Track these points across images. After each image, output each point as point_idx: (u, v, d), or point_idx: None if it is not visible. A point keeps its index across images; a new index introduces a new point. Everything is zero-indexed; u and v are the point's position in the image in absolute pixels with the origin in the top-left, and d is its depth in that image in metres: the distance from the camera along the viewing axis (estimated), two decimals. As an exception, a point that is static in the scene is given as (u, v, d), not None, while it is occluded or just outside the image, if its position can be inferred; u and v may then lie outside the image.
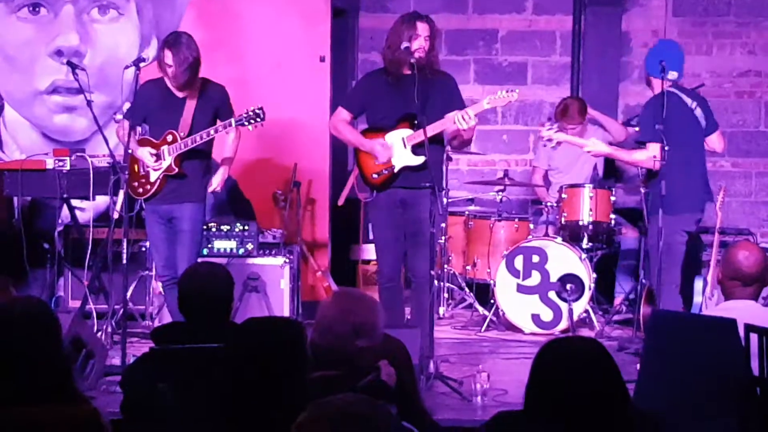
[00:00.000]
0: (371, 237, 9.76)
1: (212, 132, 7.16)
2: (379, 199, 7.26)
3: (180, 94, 7.24)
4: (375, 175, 7.23)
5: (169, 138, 7.20)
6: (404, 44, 7.01)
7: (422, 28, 7.05)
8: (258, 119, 7.19)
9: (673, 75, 7.42)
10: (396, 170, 7.15)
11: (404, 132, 7.10)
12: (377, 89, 7.22)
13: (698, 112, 7.51)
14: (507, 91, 7.13)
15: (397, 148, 7.14)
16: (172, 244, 7.32)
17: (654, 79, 7.46)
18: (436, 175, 7.08)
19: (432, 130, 6.92)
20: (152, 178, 7.25)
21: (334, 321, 4.16)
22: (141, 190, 7.29)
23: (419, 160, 7.01)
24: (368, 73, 7.59)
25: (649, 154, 7.25)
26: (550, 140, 7.60)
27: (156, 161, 7.20)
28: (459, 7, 10.38)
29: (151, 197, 7.30)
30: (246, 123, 7.19)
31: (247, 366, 3.57)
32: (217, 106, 7.30)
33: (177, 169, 7.21)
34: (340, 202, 9.21)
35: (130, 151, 7.15)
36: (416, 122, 6.99)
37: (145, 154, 7.22)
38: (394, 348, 4.39)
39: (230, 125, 7.20)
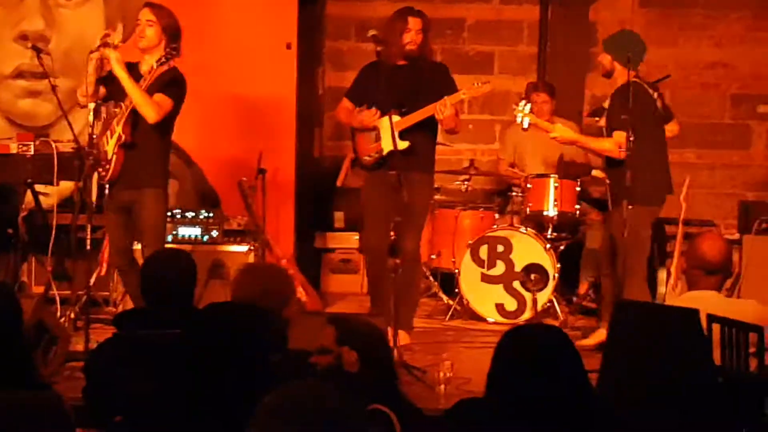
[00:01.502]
0: (337, 225, 9.88)
1: (132, 91, 6.93)
2: (373, 179, 7.60)
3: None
4: (367, 157, 7.59)
5: (117, 110, 7.11)
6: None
7: (413, 22, 7.47)
8: (175, 53, 7.01)
9: (639, 67, 7.46)
10: (384, 153, 7.46)
11: (393, 118, 7.25)
12: (373, 80, 7.46)
13: (659, 103, 7.55)
14: (481, 83, 7.52)
15: (386, 133, 7.39)
16: (128, 231, 7.24)
17: (619, 69, 7.45)
18: (426, 159, 7.58)
19: (414, 117, 7.36)
20: (109, 155, 7.09)
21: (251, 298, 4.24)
22: (103, 172, 7.16)
23: (404, 144, 7.30)
24: (366, 65, 7.74)
25: (616, 142, 7.27)
26: (522, 121, 7.61)
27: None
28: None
29: (112, 180, 7.12)
30: (165, 60, 6.99)
31: (208, 352, 3.56)
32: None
33: (126, 137, 7.02)
34: (338, 183, 9.23)
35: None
36: (403, 110, 7.34)
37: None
38: (371, 330, 4.38)
39: (153, 68, 6.97)
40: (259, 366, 3.48)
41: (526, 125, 7.67)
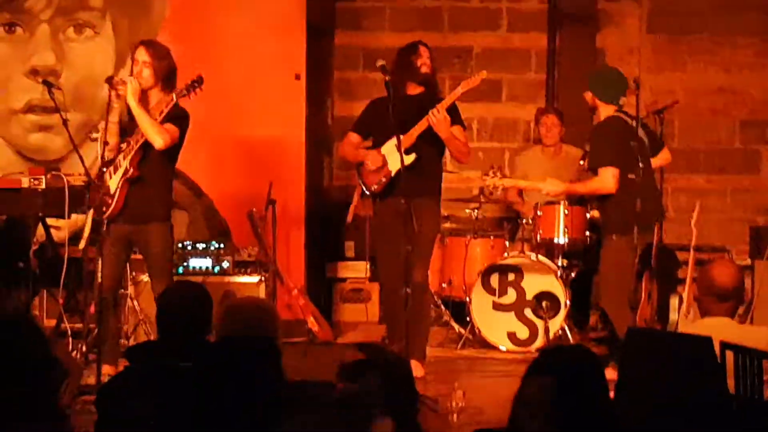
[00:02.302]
0: (348, 254, 9.87)
1: (142, 120, 6.98)
2: (383, 208, 7.61)
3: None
4: (375, 186, 7.58)
5: (124, 146, 7.14)
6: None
7: (424, 50, 7.63)
8: (197, 84, 7.07)
9: (623, 101, 7.52)
10: (393, 175, 7.48)
11: (395, 140, 7.28)
12: (381, 114, 7.46)
13: (641, 133, 7.55)
14: (475, 74, 7.68)
15: (391, 156, 7.45)
16: (121, 265, 7.26)
17: (602, 105, 7.53)
18: (433, 181, 7.62)
19: (414, 131, 7.41)
20: (112, 190, 7.12)
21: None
22: (104, 207, 7.12)
23: (411, 157, 7.34)
24: (373, 100, 7.79)
25: (603, 180, 7.36)
26: (495, 189, 7.71)
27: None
28: (434, 25, 10.41)
29: (115, 214, 7.13)
30: (186, 93, 7.06)
31: (221, 385, 3.56)
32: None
33: (133, 171, 7.07)
34: (349, 219, 9.24)
35: None
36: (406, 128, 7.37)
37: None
38: (398, 361, 4.37)
39: (172, 100, 7.04)
40: (271, 399, 3.48)
41: (499, 192, 7.75)
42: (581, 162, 7.96)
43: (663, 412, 4.52)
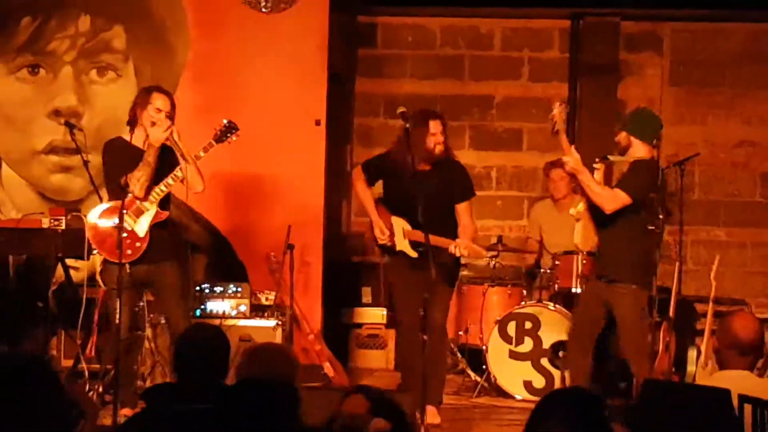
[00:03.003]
0: (365, 300, 9.87)
1: (188, 159, 7.09)
2: (398, 257, 7.63)
3: None
4: (380, 242, 7.68)
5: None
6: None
7: (434, 125, 7.45)
8: (233, 130, 7.23)
9: (655, 142, 7.47)
10: (397, 249, 7.59)
11: (405, 224, 7.47)
12: (394, 170, 7.49)
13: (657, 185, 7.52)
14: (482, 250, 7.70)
15: (399, 233, 7.55)
16: (136, 305, 7.34)
17: (639, 144, 7.42)
18: (450, 234, 7.44)
19: (425, 239, 7.00)
20: (141, 234, 7.19)
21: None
22: (130, 251, 7.16)
23: (414, 254, 7.42)
24: (392, 150, 7.66)
25: (613, 197, 7.24)
26: (554, 124, 7.52)
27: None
28: (455, 73, 10.46)
29: (139, 257, 7.19)
30: (224, 138, 7.22)
31: (239, 427, 3.55)
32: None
33: (163, 216, 7.19)
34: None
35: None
36: (419, 223, 7.12)
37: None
38: (398, 405, 4.36)
39: (210, 146, 7.17)
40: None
41: (555, 129, 7.56)
42: (596, 159, 7.80)
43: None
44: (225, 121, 7.29)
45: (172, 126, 7.10)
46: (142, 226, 7.17)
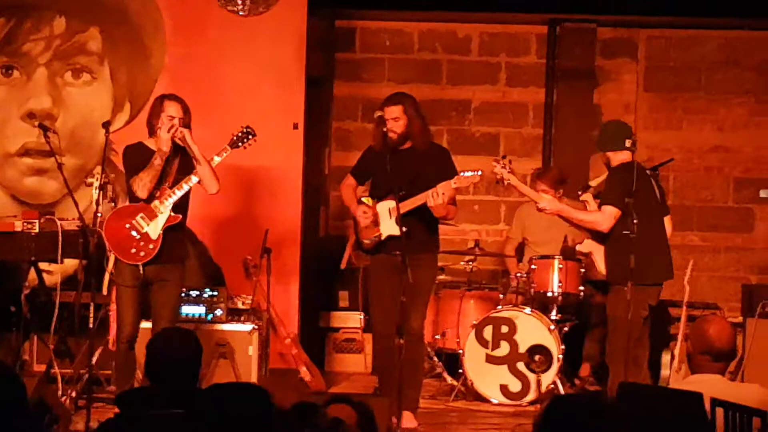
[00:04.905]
0: (342, 305, 9.86)
1: (204, 168, 7.21)
2: (376, 261, 7.65)
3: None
4: (367, 241, 7.64)
5: (157, 193, 7.22)
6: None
7: (389, 111, 7.50)
8: (250, 136, 7.40)
9: (628, 142, 7.54)
10: (383, 237, 7.54)
11: (390, 203, 7.40)
12: (376, 161, 7.54)
13: (657, 192, 7.61)
14: (471, 172, 7.44)
15: (384, 218, 7.53)
16: (140, 305, 7.32)
17: (616, 153, 7.53)
18: (429, 240, 7.59)
19: (409, 204, 7.34)
20: (154, 236, 7.22)
21: None
22: (143, 253, 7.22)
23: (402, 230, 7.25)
24: (371, 146, 7.77)
25: (604, 217, 7.36)
26: (501, 180, 7.63)
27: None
28: (433, 77, 10.48)
29: (153, 257, 7.25)
30: (240, 144, 7.37)
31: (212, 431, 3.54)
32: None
33: (178, 218, 7.27)
34: (342, 266, 9.24)
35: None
36: (402, 194, 7.32)
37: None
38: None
39: (225, 150, 7.30)
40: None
41: (505, 183, 7.67)
42: (579, 192, 7.91)
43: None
44: (242, 127, 7.43)
45: (186, 130, 7.20)
46: (155, 229, 7.19)
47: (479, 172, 7.44)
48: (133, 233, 7.19)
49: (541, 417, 3.36)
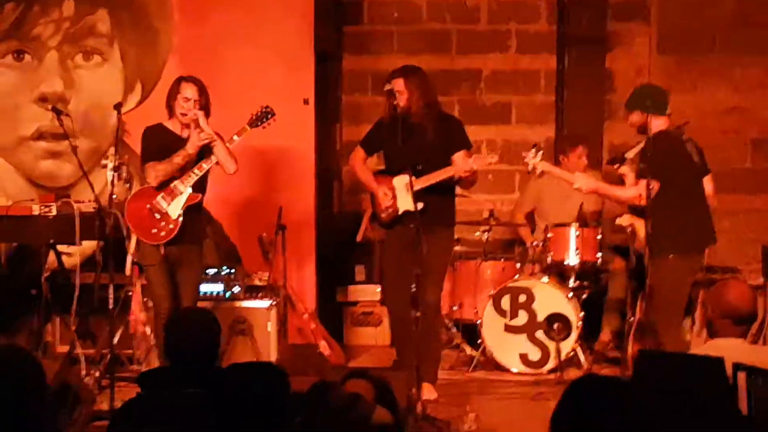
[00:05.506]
0: (358, 278, 9.88)
1: (220, 148, 7.26)
2: (392, 235, 7.64)
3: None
4: (383, 215, 7.64)
5: (177, 174, 7.27)
6: (385, 86, 7.47)
7: (395, 84, 7.49)
8: (269, 116, 7.47)
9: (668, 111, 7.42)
10: (400, 212, 7.55)
11: (406, 178, 7.37)
12: (388, 133, 7.55)
13: (695, 157, 7.47)
14: (489, 155, 7.62)
15: (401, 193, 7.51)
16: (170, 281, 7.39)
17: (658, 118, 7.36)
18: (445, 214, 7.59)
19: (427, 180, 7.38)
20: (174, 215, 7.27)
21: None
22: (164, 232, 7.28)
23: (418, 206, 7.32)
24: (382, 118, 7.74)
25: (645, 191, 7.20)
26: (534, 170, 7.58)
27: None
28: (442, 48, 10.43)
29: (174, 238, 7.30)
30: (259, 123, 7.44)
31: (230, 412, 3.55)
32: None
33: (198, 197, 7.32)
34: (359, 238, 9.27)
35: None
36: (419, 168, 7.34)
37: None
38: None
39: (244, 130, 7.38)
40: (282, 427, 3.47)
41: (538, 172, 7.64)
42: (615, 166, 7.80)
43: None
44: (261, 107, 7.49)
45: (200, 113, 7.27)
46: (176, 209, 7.25)
47: (496, 158, 7.61)
48: (154, 213, 7.24)
49: (561, 402, 3.34)
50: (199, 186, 7.34)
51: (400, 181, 7.50)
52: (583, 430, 3.20)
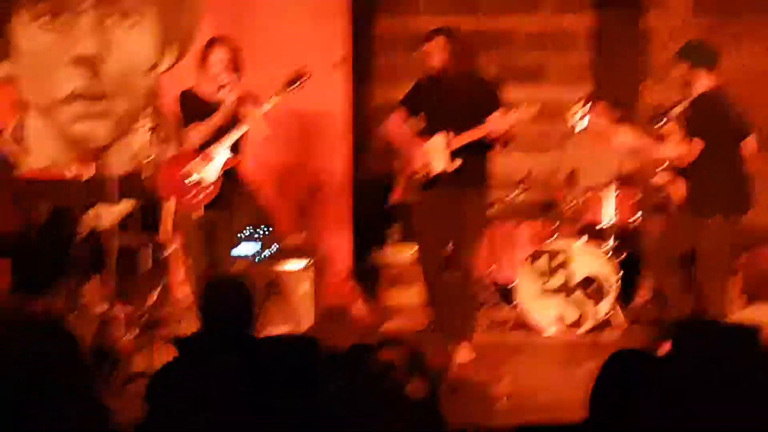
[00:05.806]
0: (395, 239, 9.87)
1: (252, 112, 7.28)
2: (427, 196, 7.60)
3: None
4: (418, 176, 7.60)
5: (213, 137, 7.31)
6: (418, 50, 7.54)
7: (429, 45, 7.48)
8: (303, 78, 7.46)
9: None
10: (435, 173, 7.51)
11: (442, 138, 7.40)
12: (426, 93, 7.58)
13: (733, 108, 7.39)
14: (527, 105, 7.46)
15: (436, 154, 7.46)
16: (207, 245, 7.42)
17: (708, 74, 7.29)
18: (479, 175, 7.55)
19: (462, 140, 7.36)
20: (212, 179, 7.29)
21: None
22: (201, 195, 7.31)
23: (455, 165, 7.36)
24: (420, 80, 7.72)
25: (691, 149, 7.13)
26: (582, 119, 7.50)
27: None
28: (476, 8, 10.33)
29: (211, 202, 7.33)
30: (293, 86, 7.45)
31: (263, 381, 3.57)
32: None
33: (237, 161, 7.35)
34: (393, 200, 9.25)
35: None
36: (454, 129, 7.36)
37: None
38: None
39: (279, 94, 7.39)
40: (317, 396, 3.48)
41: (584, 126, 7.57)
42: (658, 124, 7.71)
43: (712, 402, 4.47)
44: (296, 69, 7.48)
45: (231, 77, 7.26)
46: (213, 172, 7.25)
47: (538, 107, 7.47)
48: (190, 178, 7.25)
49: (599, 378, 3.35)
50: (234, 150, 7.34)
51: (436, 142, 7.48)
52: (621, 407, 3.21)
